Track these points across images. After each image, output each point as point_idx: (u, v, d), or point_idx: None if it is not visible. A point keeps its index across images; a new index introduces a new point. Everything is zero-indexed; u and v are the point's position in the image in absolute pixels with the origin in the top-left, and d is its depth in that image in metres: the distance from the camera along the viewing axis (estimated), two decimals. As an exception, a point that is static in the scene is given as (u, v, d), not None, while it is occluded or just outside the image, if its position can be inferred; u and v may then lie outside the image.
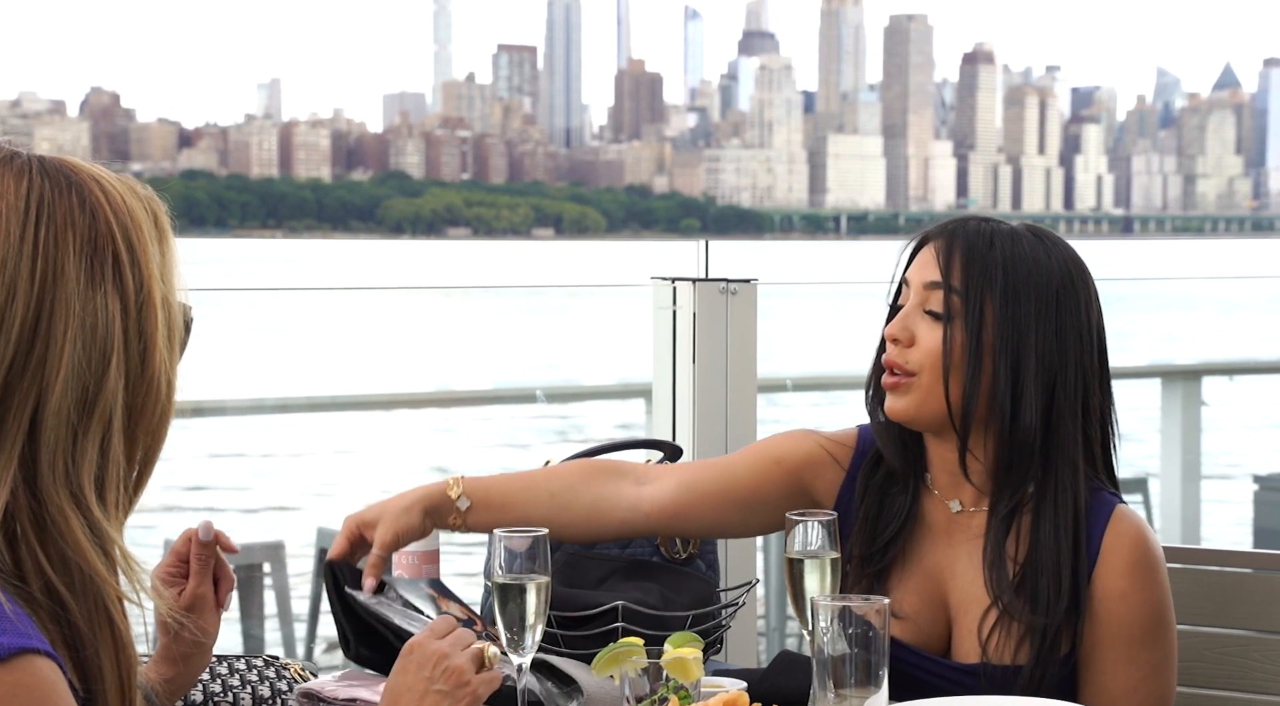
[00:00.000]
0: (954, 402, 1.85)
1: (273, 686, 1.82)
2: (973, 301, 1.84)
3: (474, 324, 24.37)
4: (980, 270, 1.85)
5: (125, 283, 1.20)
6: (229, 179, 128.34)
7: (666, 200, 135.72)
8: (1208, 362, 7.44)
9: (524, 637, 1.65)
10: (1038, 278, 1.85)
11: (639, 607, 1.92)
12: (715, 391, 2.39)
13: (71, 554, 1.16)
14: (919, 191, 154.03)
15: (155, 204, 1.26)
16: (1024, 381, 1.83)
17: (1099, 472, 1.89)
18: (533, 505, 1.94)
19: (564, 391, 6.57)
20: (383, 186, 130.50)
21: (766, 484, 1.97)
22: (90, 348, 1.18)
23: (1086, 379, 1.87)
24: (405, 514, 1.89)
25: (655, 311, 2.53)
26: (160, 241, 1.25)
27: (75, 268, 1.18)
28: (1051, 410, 1.84)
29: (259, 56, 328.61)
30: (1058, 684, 1.85)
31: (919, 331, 1.87)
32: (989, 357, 1.84)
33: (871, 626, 1.53)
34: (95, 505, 1.18)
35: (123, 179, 1.25)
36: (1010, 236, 1.87)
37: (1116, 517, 1.86)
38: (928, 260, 1.89)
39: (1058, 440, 1.85)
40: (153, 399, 1.22)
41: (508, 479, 1.99)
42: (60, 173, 1.22)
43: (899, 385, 1.87)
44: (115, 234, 1.21)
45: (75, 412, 1.17)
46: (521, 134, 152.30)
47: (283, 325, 21.80)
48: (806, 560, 1.74)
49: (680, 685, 1.57)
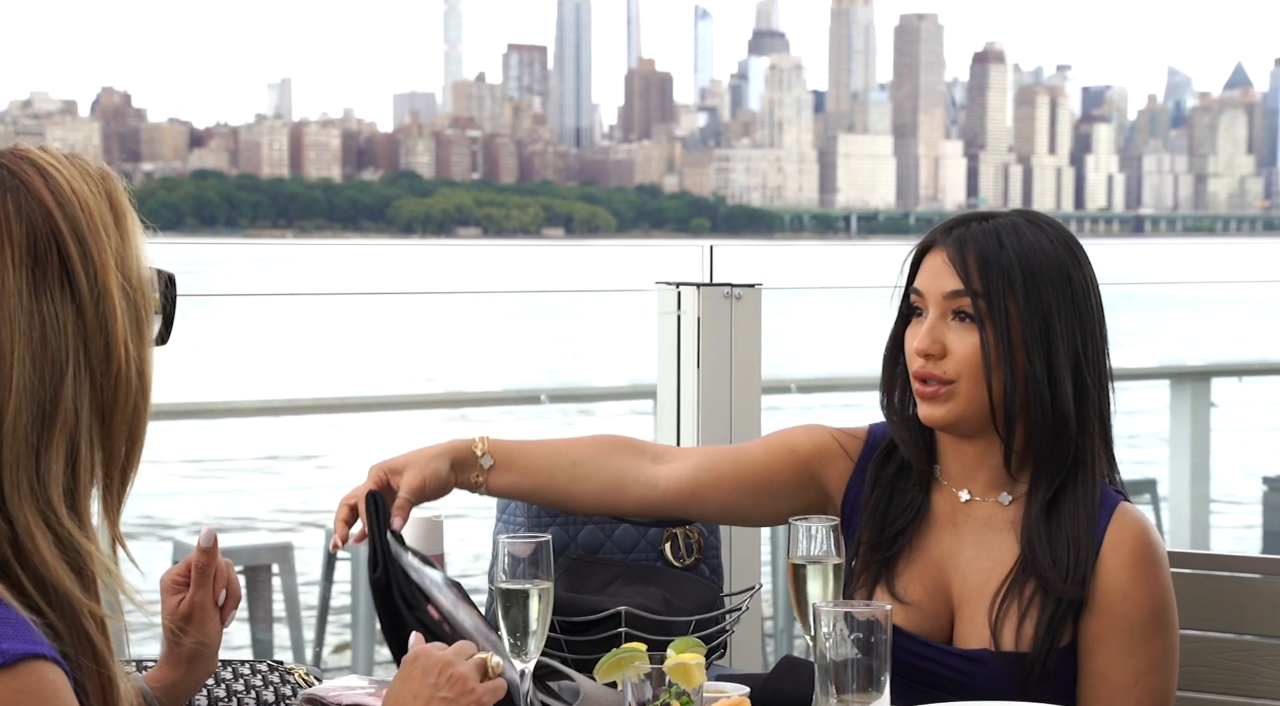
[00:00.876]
0: (997, 403, 1.87)
1: (277, 691, 1.82)
2: (997, 302, 1.87)
3: (483, 325, 24.38)
4: (998, 271, 1.87)
5: (77, 281, 1.16)
6: (240, 179, 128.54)
7: (677, 200, 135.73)
8: (1217, 364, 7.42)
9: (527, 643, 1.65)
10: (1048, 264, 1.88)
11: (642, 613, 1.92)
12: (720, 395, 2.40)
13: (43, 573, 1.13)
14: (929, 191, 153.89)
15: (110, 182, 1.21)
16: (1056, 370, 1.87)
17: (1109, 460, 1.93)
18: (555, 472, 1.96)
19: (569, 393, 6.58)
20: (393, 186, 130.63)
21: (779, 470, 1.99)
22: (41, 361, 1.14)
23: (1101, 353, 1.91)
24: (433, 461, 1.93)
25: (660, 316, 2.54)
26: (118, 223, 1.20)
27: (16, 282, 1.14)
28: (1079, 390, 1.89)
29: (269, 56, 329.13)
30: (1059, 673, 1.86)
31: (949, 341, 1.89)
32: (1021, 353, 1.87)
33: (873, 631, 1.53)
34: (67, 518, 1.14)
35: (74, 160, 1.20)
36: (1012, 230, 1.90)
37: (1120, 512, 1.89)
38: (940, 268, 1.90)
39: (1085, 419, 1.89)
40: (124, 393, 1.18)
41: (532, 444, 2.01)
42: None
43: (937, 394, 1.90)
44: (61, 230, 1.16)
45: (33, 430, 1.13)
46: (531, 134, 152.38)
47: (290, 326, 21.83)
48: (809, 565, 1.74)
49: (683, 690, 1.58)
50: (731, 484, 2.00)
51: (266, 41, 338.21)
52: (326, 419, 11.72)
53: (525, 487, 1.97)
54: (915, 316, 1.94)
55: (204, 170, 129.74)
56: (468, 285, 6.62)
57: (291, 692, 1.82)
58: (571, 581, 2.04)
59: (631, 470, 1.99)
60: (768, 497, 2.00)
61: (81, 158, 1.21)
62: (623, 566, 2.08)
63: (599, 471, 1.99)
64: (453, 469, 1.94)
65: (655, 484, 2.00)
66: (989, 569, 1.90)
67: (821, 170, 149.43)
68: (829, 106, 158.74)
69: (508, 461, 1.96)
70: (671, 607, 1.98)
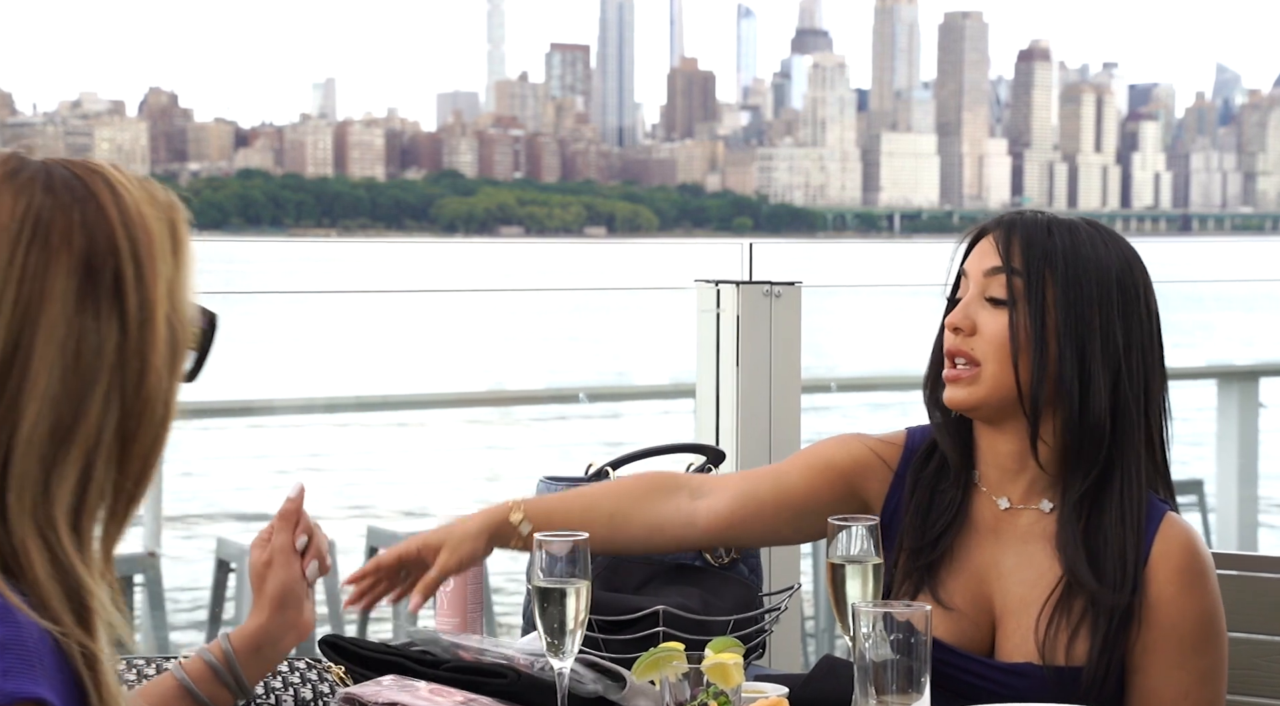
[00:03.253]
0: (1023, 385, 1.85)
1: (315, 689, 1.82)
2: (1034, 283, 1.84)
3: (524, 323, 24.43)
4: (1041, 254, 1.85)
5: (126, 302, 1.15)
6: (284, 178, 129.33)
7: (719, 199, 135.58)
8: (1266, 363, 7.33)
9: (564, 642, 1.65)
10: (1096, 265, 1.86)
11: (680, 612, 1.91)
12: (759, 393, 2.38)
13: (29, 592, 1.10)
14: (973, 190, 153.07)
15: (175, 211, 1.21)
16: (1091, 366, 1.84)
17: (1156, 472, 1.89)
18: (592, 526, 1.93)
19: (608, 391, 6.58)
20: (436, 185, 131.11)
21: (819, 490, 1.98)
22: (70, 374, 1.13)
23: (1149, 370, 1.87)
24: (471, 541, 1.94)
25: (699, 314, 2.53)
26: (175, 252, 1.19)
27: (63, 290, 1.13)
28: (1117, 396, 1.84)
29: (314, 56, 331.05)
30: (1106, 686, 1.83)
31: (980, 319, 1.87)
32: (1054, 341, 1.84)
33: (913, 632, 1.52)
34: (67, 537, 1.12)
35: (144, 184, 1.20)
36: (1068, 227, 1.88)
37: (1167, 523, 1.86)
38: (986, 250, 1.89)
39: (1124, 428, 1.85)
40: (148, 422, 1.17)
41: (568, 499, 2.01)
42: (68, 187, 1.16)
43: (961, 377, 1.87)
44: (120, 249, 1.16)
45: (49, 441, 1.12)
46: (574, 133, 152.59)
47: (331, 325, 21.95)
48: (848, 565, 1.73)
49: (720, 690, 1.57)
50: (773, 510, 1.99)
51: (311, 41, 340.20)
52: (366, 417, 11.76)
53: None
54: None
55: (249, 170, 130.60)
56: (506, 283, 6.63)
57: (329, 690, 1.82)
58: (610, 580, 2.03)
59: (669, 512, 1.99)
60: (809, 517, 1.98)
61: (152, 183, 1.21)
62: (661, 565, 2.07)
63: (635, 519, 1.99)
64: (490, 544, 1.96)
65: (694, 521, 1.99)
66: (1032, 580, 1.87)
67: (865, 169, 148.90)
68: (872, 105, 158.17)
69: (547, 523, 1.95)
70: (710, 607, 1.97)
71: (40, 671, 1.08)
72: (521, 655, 1.77)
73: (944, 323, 1.92)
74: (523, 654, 1.77)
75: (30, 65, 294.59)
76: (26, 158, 1.18)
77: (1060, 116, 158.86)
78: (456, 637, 1.83)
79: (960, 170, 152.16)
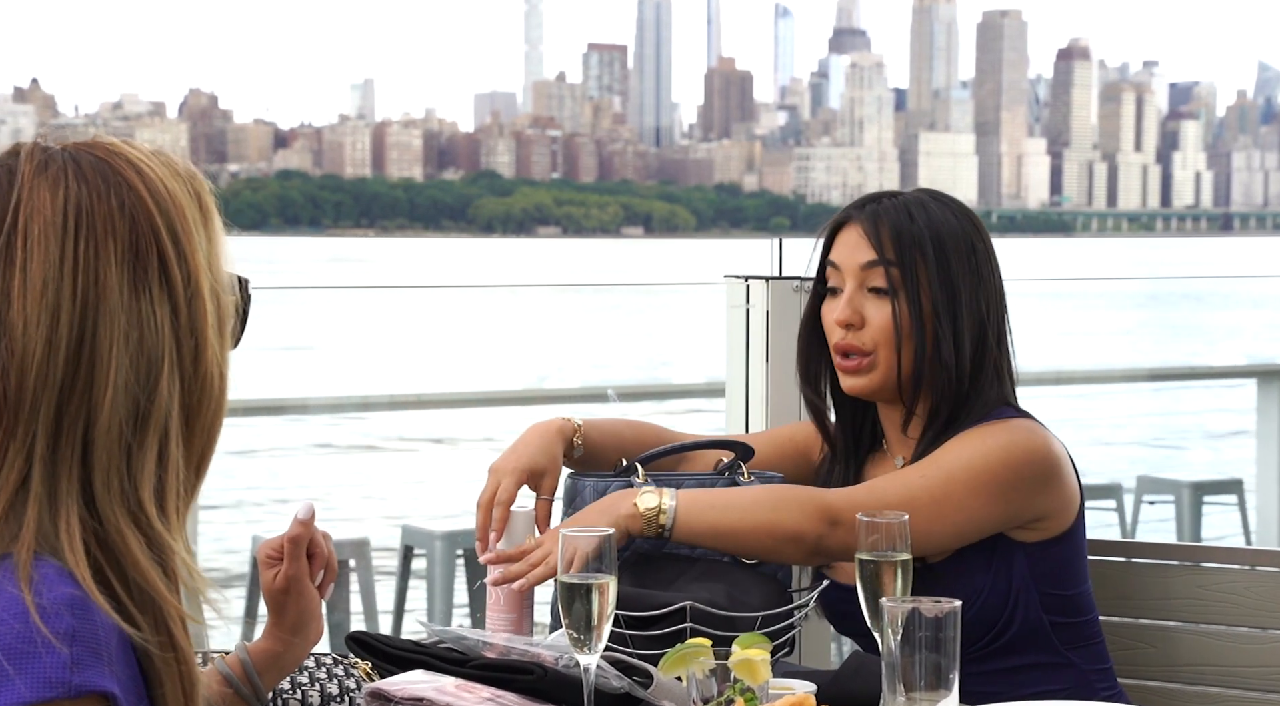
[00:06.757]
0: (906, 370, 2.00)
1: (341, 684, 1.82)
2: (909, 270, 1.99)
3: (558, 321, 24.49)
4: (910, 241, 1.99)
5: (173, 281, 1.16)
6: (323, 179, 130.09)
7: (756, 199, 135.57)
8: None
9: (590, 638, 1.64)
10: (955, 235, 2.00)
11: (707, 608, 1.90)
12: (788, 389, 2.38)
13: (132, 574, 1.12)
14: (1012, 189, 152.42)
15: (198, 182, 1.21)
16: (961, 338, 1.99)
17: (1011, 390, 2.04)
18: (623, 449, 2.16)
19: (639, 390, 6.59)
20: (474, 186, 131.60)
21: (782, 461, 2.17)
22: (139, 360, 1.14)
23: (1001, 311, 2.03)
24: (558, 469, 2.09)
25: (728, 309, 2.52)
26: (205, 224, 1.20)
27: (118, 279, 1.14)
28: (983, 350, 2.00)
29: (353, 57, 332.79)
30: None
31: (867, 312, 2.01)
32: (931, 320, 1.99)
33: (942, 629, 1.50)
34: (156, 519, 1.14)
35: (162, 158, 1.20)
36: (920, 205, 2.01)
37: (999, 416, 1.98)
38: (856, 242, 2.01)
39: (985, 375, 2.01)
40: (208, 395, 1.18)
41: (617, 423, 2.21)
42: (98, 171, 1.17)
43: (859, 366, 2.01)
44: (159, 228, 1.16)
45: (128, 428, 1.14)
46: (611, 133, 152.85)
47: (365, 323, 22.05)
48: (880, 562, 1.71)
49: (747, 686, 1.56)
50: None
51: (350, 42, 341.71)
52: (401, 415, 11.80)
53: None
54: (830, 295, 2.05)
55: (288, 170, 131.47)
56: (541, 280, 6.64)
57: (356, 686, 1.81)
58: (637, 576, 2.02)
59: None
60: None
61: (167, 154, 1.21)
62: (689, 561, 2.06)
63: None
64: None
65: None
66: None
67: (902, 168, 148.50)
68: (910, 104, 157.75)
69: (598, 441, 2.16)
70: (737, 603, 1.96)
71: (107, 664, 1.08)
72: (548, 651, 1.76)
73: (817, 312, 2.06)
74: (549, 650, 1.76)
75: (73, 67, 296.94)
76: (50, 147, 1.18)
77: (1100, 115, 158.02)
78: (483, 634, 1.83)
79: (999, 170, 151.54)
